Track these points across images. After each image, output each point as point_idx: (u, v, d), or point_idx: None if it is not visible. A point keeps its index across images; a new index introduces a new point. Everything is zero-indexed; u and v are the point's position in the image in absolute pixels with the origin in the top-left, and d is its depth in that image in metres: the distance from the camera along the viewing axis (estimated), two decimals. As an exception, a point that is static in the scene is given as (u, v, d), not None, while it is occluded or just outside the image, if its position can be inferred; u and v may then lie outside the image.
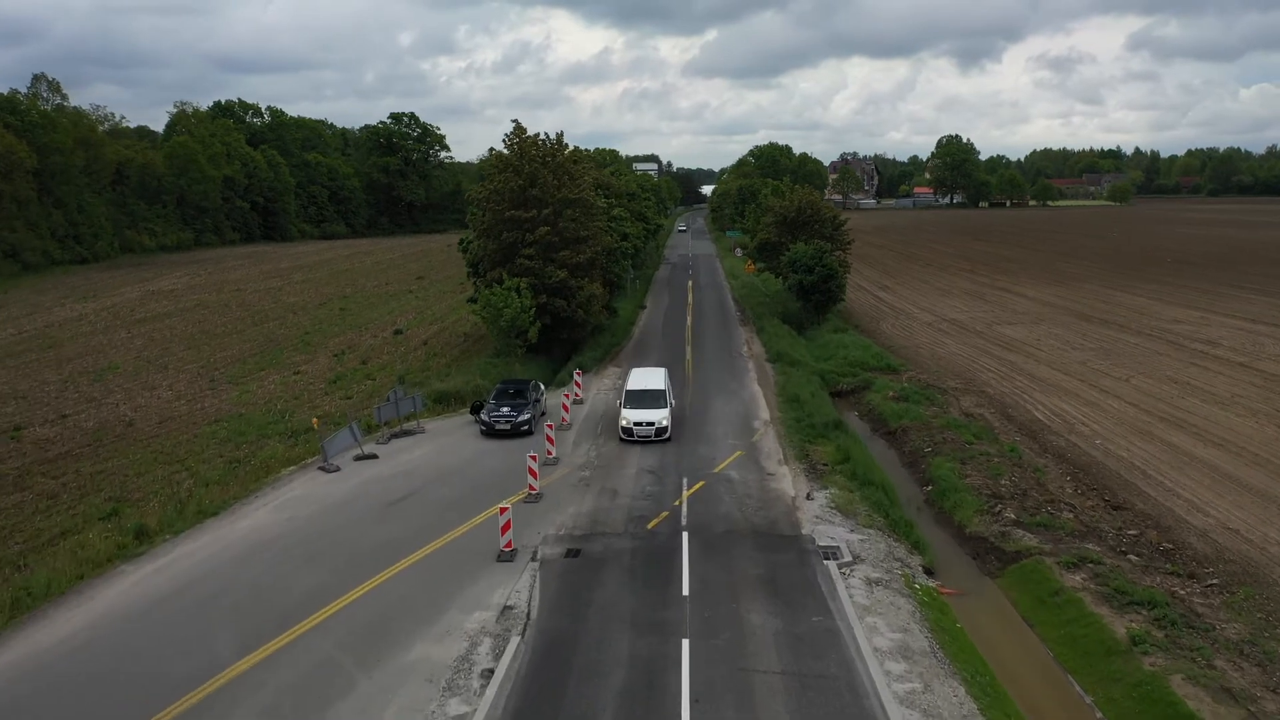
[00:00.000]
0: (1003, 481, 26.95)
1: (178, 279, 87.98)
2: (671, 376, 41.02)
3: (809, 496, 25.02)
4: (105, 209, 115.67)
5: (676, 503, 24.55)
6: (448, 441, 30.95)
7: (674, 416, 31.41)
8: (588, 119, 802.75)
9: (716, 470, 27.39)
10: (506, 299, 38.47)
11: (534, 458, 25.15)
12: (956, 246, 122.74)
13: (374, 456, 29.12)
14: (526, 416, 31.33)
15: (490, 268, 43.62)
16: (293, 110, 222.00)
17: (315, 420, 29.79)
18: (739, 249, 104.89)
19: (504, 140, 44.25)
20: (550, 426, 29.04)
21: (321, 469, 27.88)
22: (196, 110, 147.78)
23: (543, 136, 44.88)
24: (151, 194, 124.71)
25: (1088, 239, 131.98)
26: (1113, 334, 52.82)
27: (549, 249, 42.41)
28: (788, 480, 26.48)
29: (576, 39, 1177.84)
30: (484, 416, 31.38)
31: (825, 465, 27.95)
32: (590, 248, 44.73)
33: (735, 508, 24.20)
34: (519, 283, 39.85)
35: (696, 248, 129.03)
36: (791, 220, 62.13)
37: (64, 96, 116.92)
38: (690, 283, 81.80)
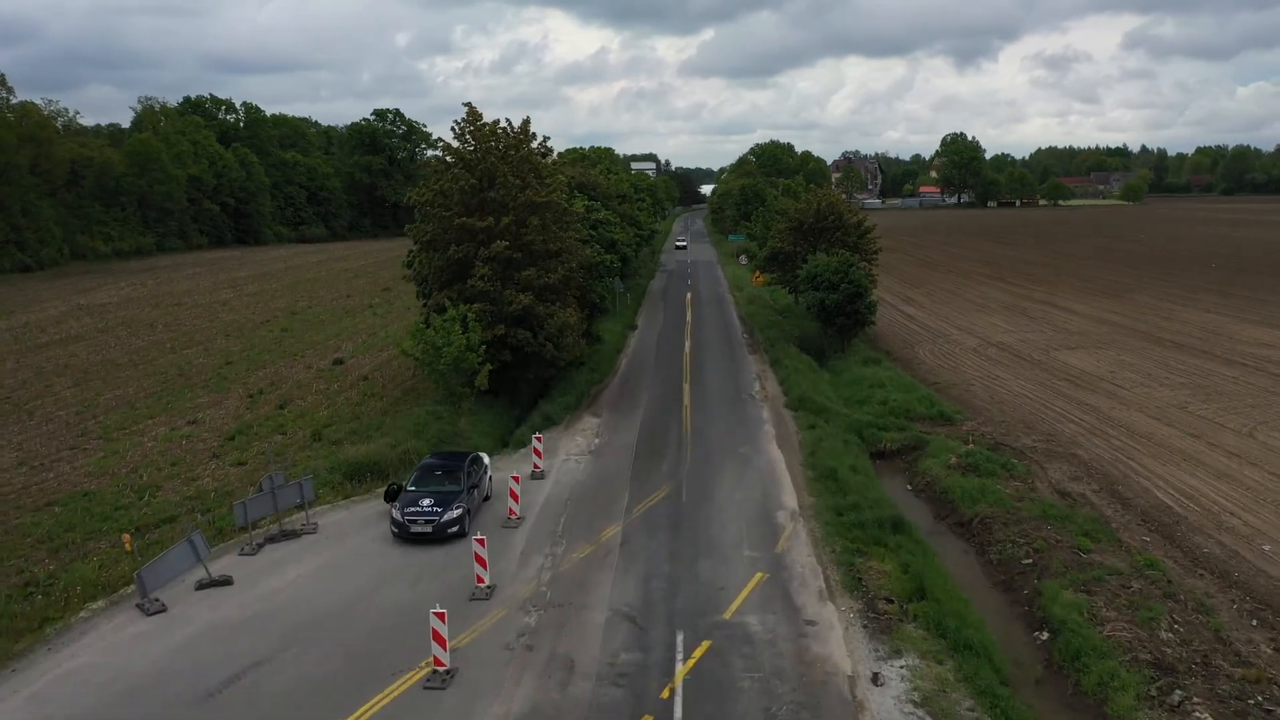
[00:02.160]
0: (1163, 633, 17.81)
1: (118, 290, 78.76)
2: (666, 428, 32.19)
3: (876, 679, 15.83)
4: (55, 212, 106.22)
5: (665, 693, 15.39)
6: (343, 551, 21.72)
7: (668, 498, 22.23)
8: (585, 119, 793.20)
9: (728, 614, 18.22)
10: (447, 334, 29.37)
11: (441, 615, 15.91)
12: (975, 250, 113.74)
13: (227, 581, 19.94)
14: (456, 513, 22.09)
15: (437, 289, 34.54)
16: (291, 111, 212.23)
17: (127, 538, 20.17)
18: (743, 255, 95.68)
19: (453, 128, 35.04)
20: (481, 542, 19.49)
21: (140, 608, 18.78)
22: (165, 107, 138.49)
23: (503, 124, 35.79)
24: (109, 195, 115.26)
25: (1113, 241, 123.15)
26: (1198, 363, 43.69)
27: (509, 267, 33.33)
28: (837, 637, 17.30)
29: (573, 39, 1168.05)
30: (396, 514, 22.17)
31: (890, 603, 18.74)
32: (563, 264, 35.62)
33: (759, 706, 15.00)
34: (465, 311, 30.75)
35: (695, 253, 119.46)
36: (809, 226, 52.92)
37: (9, 90, 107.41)
38: (689, 295, 72.49)
